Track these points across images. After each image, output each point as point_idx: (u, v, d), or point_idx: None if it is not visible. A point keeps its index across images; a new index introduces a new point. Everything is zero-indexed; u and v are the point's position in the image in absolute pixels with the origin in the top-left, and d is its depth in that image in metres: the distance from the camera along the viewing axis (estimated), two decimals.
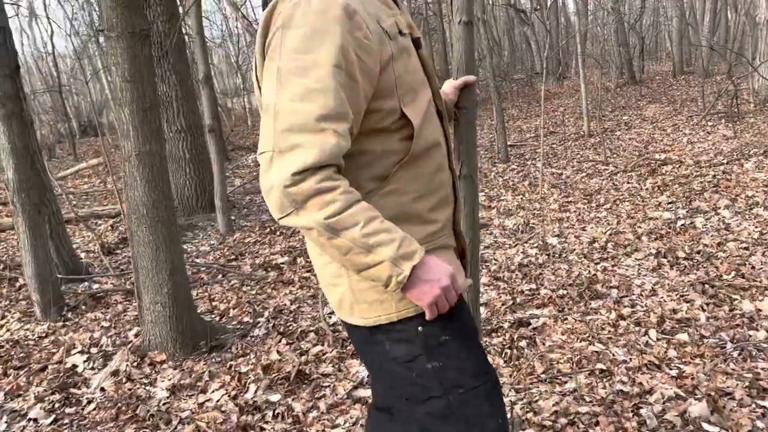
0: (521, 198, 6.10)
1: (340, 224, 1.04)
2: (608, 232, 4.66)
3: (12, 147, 3.47)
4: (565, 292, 3.63)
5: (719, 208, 4.89)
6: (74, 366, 3.13)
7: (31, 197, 3.66)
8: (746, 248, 3.97)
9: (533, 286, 3.77)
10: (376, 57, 1.09)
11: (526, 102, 14.96)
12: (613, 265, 4.01)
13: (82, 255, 5.34)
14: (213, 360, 3.17)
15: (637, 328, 3.05)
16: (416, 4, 16.28)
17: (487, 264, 4.30)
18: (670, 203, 5.23)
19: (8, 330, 3.76)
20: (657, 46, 22.92)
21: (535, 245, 4.57)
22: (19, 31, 25.45)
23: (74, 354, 3.23)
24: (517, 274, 4.00)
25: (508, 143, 8.88)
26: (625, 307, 3.33)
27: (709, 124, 8.81)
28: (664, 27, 20.85)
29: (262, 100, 1.11)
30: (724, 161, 6.42)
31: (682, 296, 3.37)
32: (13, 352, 3.43)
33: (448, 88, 1.72)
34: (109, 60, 2.69)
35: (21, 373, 3.12)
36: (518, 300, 3.58)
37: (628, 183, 6.15)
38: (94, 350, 3.30)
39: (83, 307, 4.04)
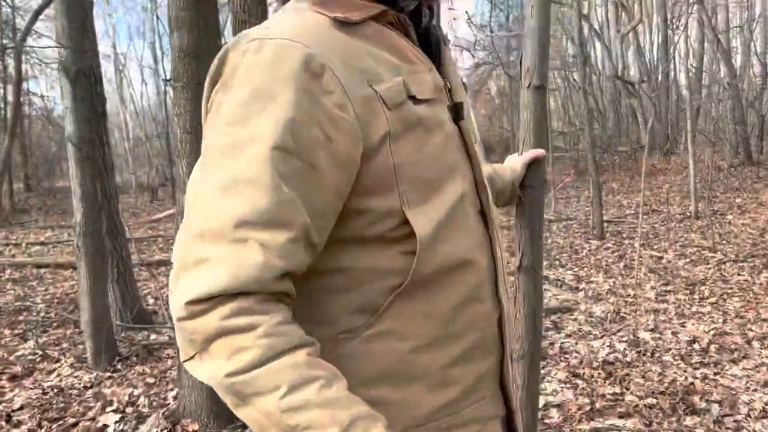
0: (613, 282, 5.57)
1: (249, 387, 0.67)
2: (712, 332, 4.08)
3: (83, 190, 3.51)
4: (654, 401, 3.12)
5: None
6: (105, 426, 3.00)
7: (95, 242, 3.67)
8: None
9: (617, 389, 3.29)
10: (355, 136, 0.76)
11: (628, 176, 14.24)
12: (715, 373, 3.45)
13: (152, 302, 5.37)
14: None
15: None
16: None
17: (566, 356, 3.85)
18: None
19: (59, 375, 3.74)
20: None
21: (625, 339, 4.06)
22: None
23: (108, 412, 3.11)
24: (600, 373, 3.52)
25: (605, 219, 8.33)
26: (728, 430, 2.80)
27: None
28: None
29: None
30: None
31: None
32: (54, 402, 3.37)
33: (515, 163, 1.46)
34: (173, 110, 2.64)
35: (54, 427, 3.02)
36: (598, 405, 3.11)
37: (739, 275, 5.48)
38: (129, 410, 3.16)
39: (134, 359, 3.96)
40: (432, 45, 0.93)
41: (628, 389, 3.29)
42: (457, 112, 0.92)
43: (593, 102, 17.96)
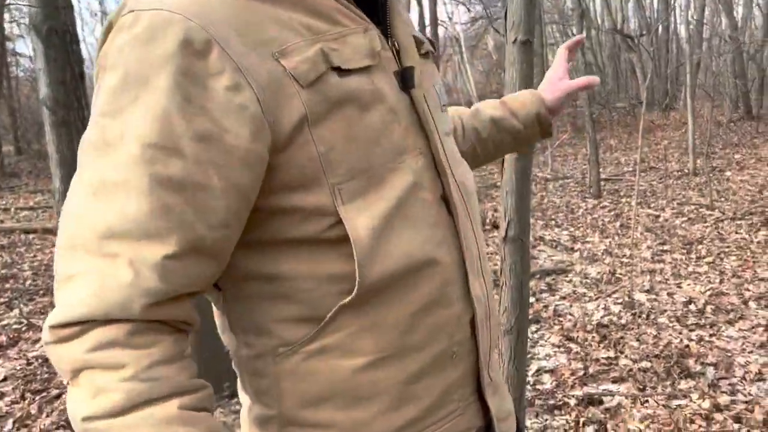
0: (610, 241, 5.48)
1: None
2: (708, 293, 4.01)
3: (60, 156, 3.37)
4: (649, 364, 3.07)
5: None
6: None
7: None
8: None
9: (611, 353, 3.23)
10: (257, 124, 0.61)
11: (626, 133, 14.05)
12: (711, 335, 3.39)
13: None
14: None
15: (736, 426, 2.48)
16: None
17: (560, 319, 3.78)
18: None
19: (41, 343, 3.65)
20: None
21: (620, 301, 3.99)
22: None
23: None
24: (594, 336, 3.46)
25: (602, 177, 8.20)
26: (723, 394, 2.75)
27: None
28: None
29: None
30: None
31: None
32: (38, 372, 3.30)
33: (546, 91, 1.11)
34: None
35: (37, 398, 2.96)
36: (591, 370, 3.06)
37: (737, 233, 5.40)
38: None
39: None
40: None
41: (622, 353, 3.24)
42: (405, 78, 0.74)
43: (591, 57, 17.63)
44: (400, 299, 0.71)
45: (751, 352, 3.16)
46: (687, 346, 3.25)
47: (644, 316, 3.72)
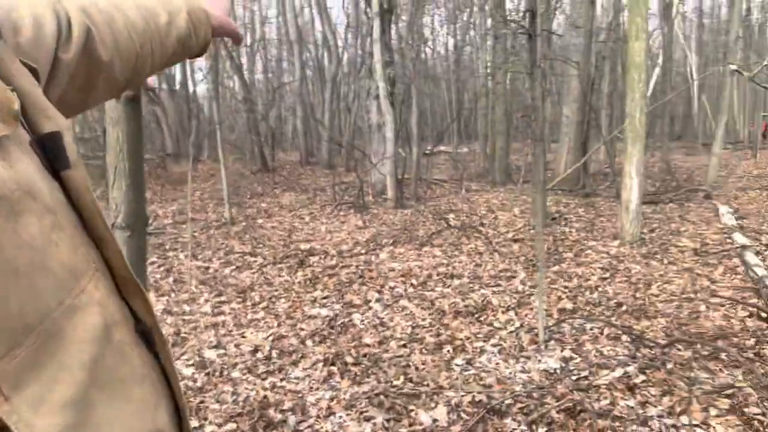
0: (167, 299, 5.30)
1: None
2: (270, 337, 4.24)
3: None
4: (235, 425, 3.01)
5: (370, 301, 4.95)
6: None
7: None
8: (404, 345, 3.98)
9: (195, 422, 3.06)
10: None
11: (159, 184, 14.06)
12: (281, 379, 3.57)
13: None
14: None
15: None
16: None
17: None
18: (324, 298, 5.12)
19: None
20: (283, 136, 24.59)
21: (191, 362, 3.85)
22: None
23: None
24: None
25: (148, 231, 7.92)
26: None
27: (341, 213, 9.40)
28: (290, 119, 22.53)
29: None
30: (363, 251, 6.75)
31: (362, 413, 3.08)
32: None
33: None
34: None
35: None
36: None
37: (280, 276, 5.92)
38: None
39: None
40: None
41: (206, 419, 3.09)
42: (52, 151, 0.48)
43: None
44: None
45: (317, 388, 3.43)
46: (265, 396, 3.33)
47: (218, 373, 3.67)
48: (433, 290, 5.17)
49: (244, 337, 4.30)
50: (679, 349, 3.59)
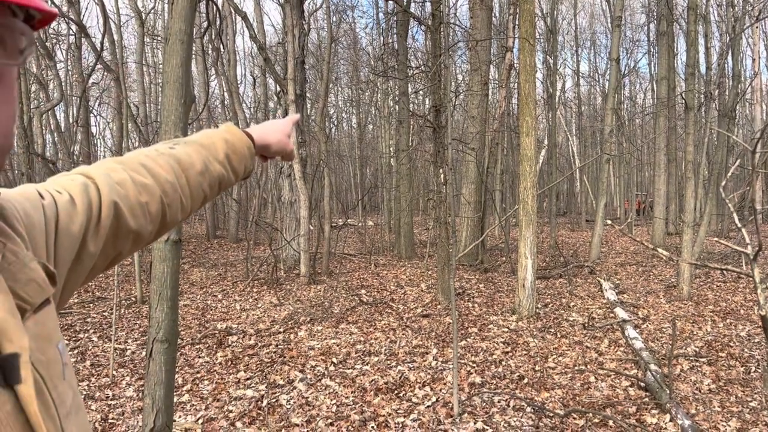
0: (87, 385, 5.25)
1: None
2: (200, 420, 4.36)
3: None
4: None
5: (293, 380, 5.18)
6: None
7: None
8: (331, 423, 4.25)
9: None
10: None
11: None
12: None
13: None
14: None
15: None
16: None
17: None
18: (248, 379, 5.29)
19: None
20: None
21: None
22: None
23: None
24: None
25: None
26: None
27: (254, 290, 9.54)
28: None
29: None
30: (281, 329, 6.96)
31: None
32: None
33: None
34: None
35: None
36: None
37: (200, 357, 6.01)
38: None
39: None
40: None
41: None
42: (5, 369, 0.52)
43: None
44: None
45: None
46: None
47: None
48: (353, 368, 5.48)
49: (174, 420, 4.39)
50: (574, 418, 4.12)
